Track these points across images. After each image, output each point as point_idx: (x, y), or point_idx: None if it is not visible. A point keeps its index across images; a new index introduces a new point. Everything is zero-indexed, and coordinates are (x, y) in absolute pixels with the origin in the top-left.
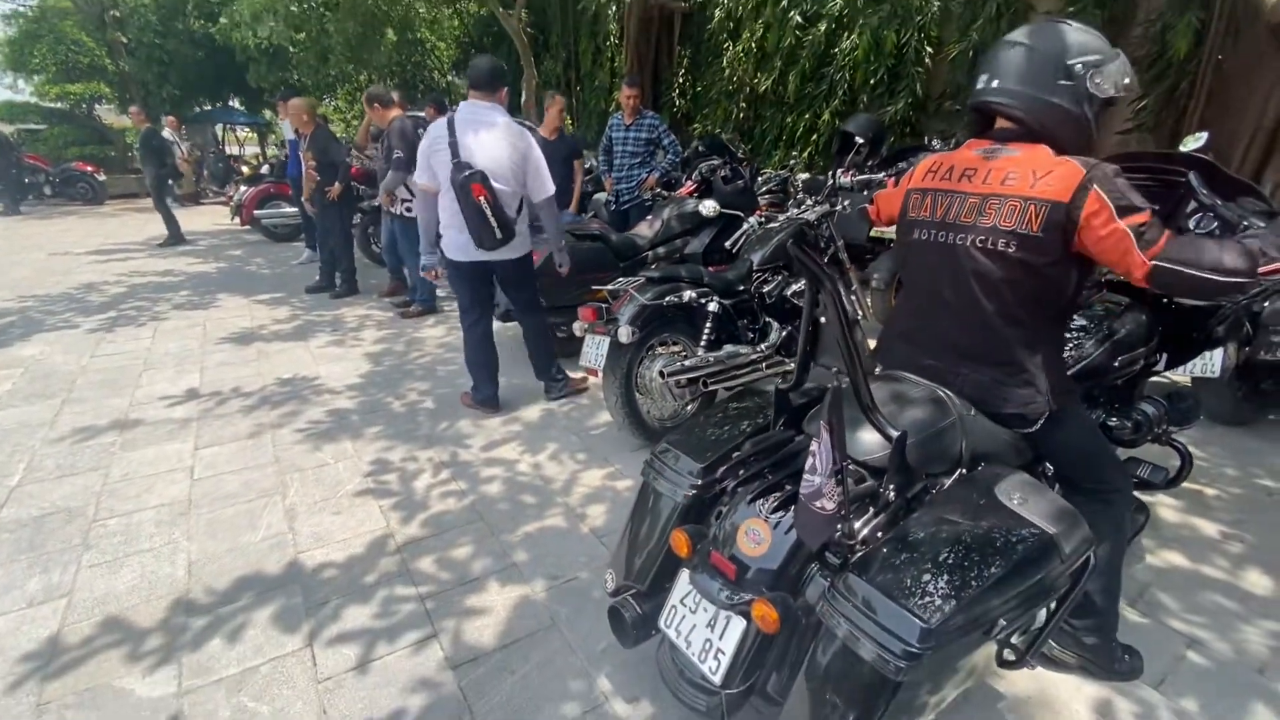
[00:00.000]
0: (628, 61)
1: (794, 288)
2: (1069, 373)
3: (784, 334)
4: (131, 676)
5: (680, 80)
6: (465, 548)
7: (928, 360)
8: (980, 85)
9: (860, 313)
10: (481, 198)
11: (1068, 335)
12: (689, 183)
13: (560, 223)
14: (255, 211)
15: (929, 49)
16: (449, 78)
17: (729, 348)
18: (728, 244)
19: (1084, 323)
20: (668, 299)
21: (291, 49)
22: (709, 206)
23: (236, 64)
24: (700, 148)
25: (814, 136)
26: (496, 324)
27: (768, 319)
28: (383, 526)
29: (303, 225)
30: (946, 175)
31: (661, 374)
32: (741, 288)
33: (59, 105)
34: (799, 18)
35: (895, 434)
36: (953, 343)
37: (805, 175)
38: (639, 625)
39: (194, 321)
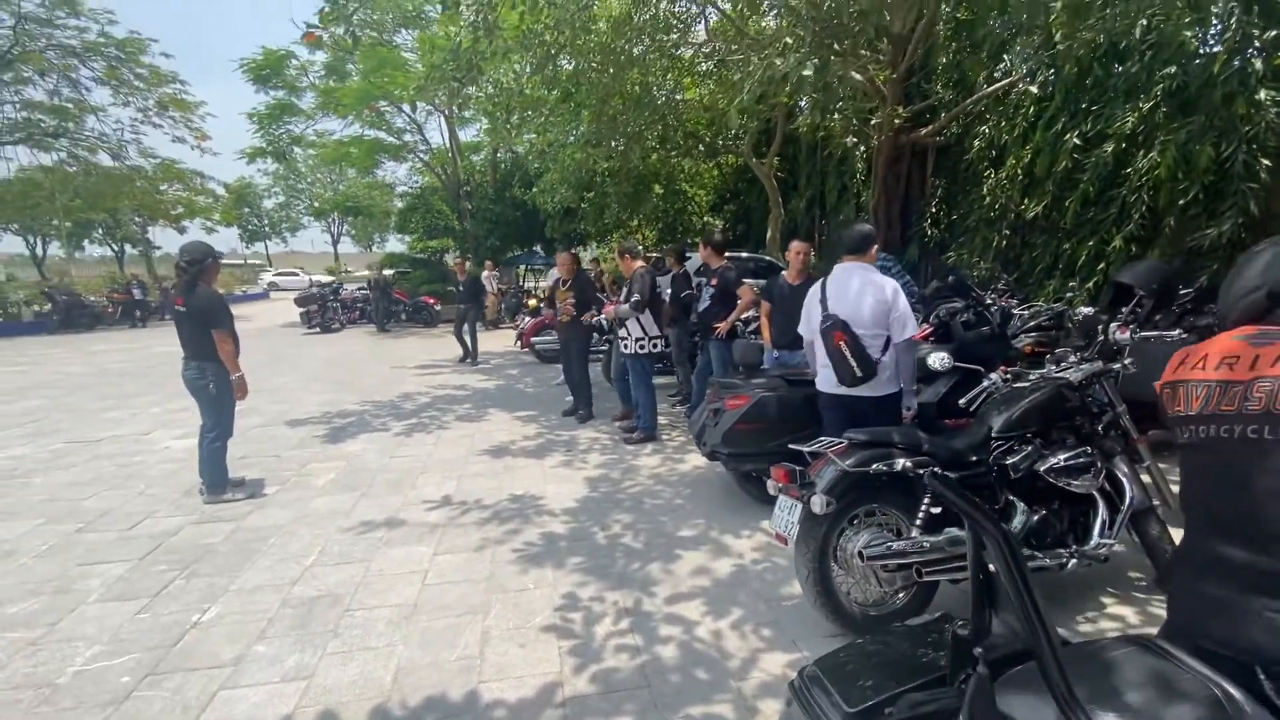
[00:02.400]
0: (875, 195)
1: (1050, 462)
2: None
3: (1034, 519)
4: None
5: (933, 210)
6: (627, 718)
7: (1211, 589)
8: None
9: (1156, 498)
10: (841, 342)
11: None
12: (925, 326)
13: (912, 364)
14: (533, 338)
15: (1264, 161)
16: (704, 219)
17: (954, 531)
18: (962, 402)
19: None
20: (875, 466)
21: (580, 206)
22: (939, 359)
23: (540, 220)
24: (941, 286)
25: (1101, 265)
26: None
27: (1011, 497)
28: (556, 671)
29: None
30: (1200, 365)
31: (861, 555)
32: (975, 457)
33: (421, 255)
34: (1076, 140)
35: None
36: (1239, 566)
37: (1087, 309)
38: None
39: (467, 433)
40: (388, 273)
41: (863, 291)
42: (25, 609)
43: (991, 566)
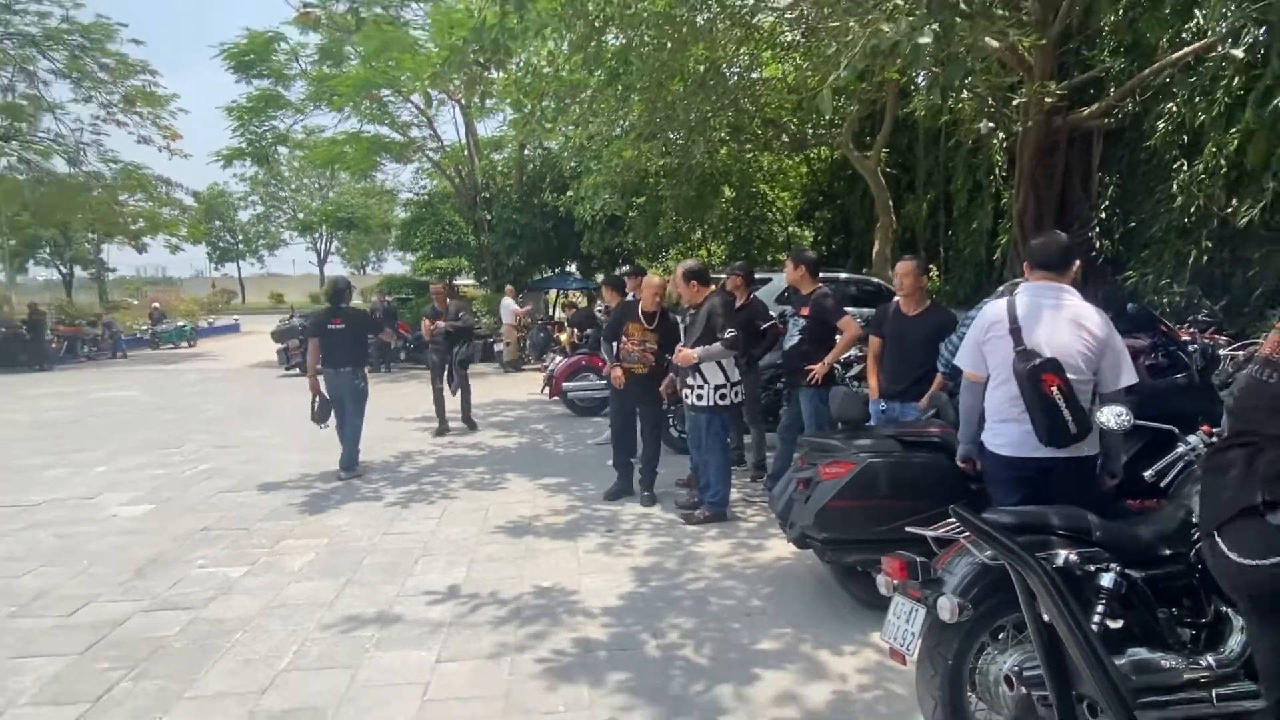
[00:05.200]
0: (1020, 197)
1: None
2: None
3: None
4: None
5: (1102, 216)
6: None
7: None
8: None
9: None
10: (1054, 389)
11: None
12: None
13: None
14: (565, 384)
15: None
16: (789, 229)
17: (1139, 652)
18: (1148, 474)
19: None
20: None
21: (627, 214)
22: (1116, 417)
23: (575, 232)
24: (1116, 317)
25: None
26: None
27: (1224, 608)
28: None
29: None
30: None
31: (1011, 679)
32: (1169, 550)
33: (426, 278)
34: None
35: None
36: None
37: None
38: None
39: (479, 504)
40: (388, 299)
41: (1069, 322)
42: None
43: (1045, 616)
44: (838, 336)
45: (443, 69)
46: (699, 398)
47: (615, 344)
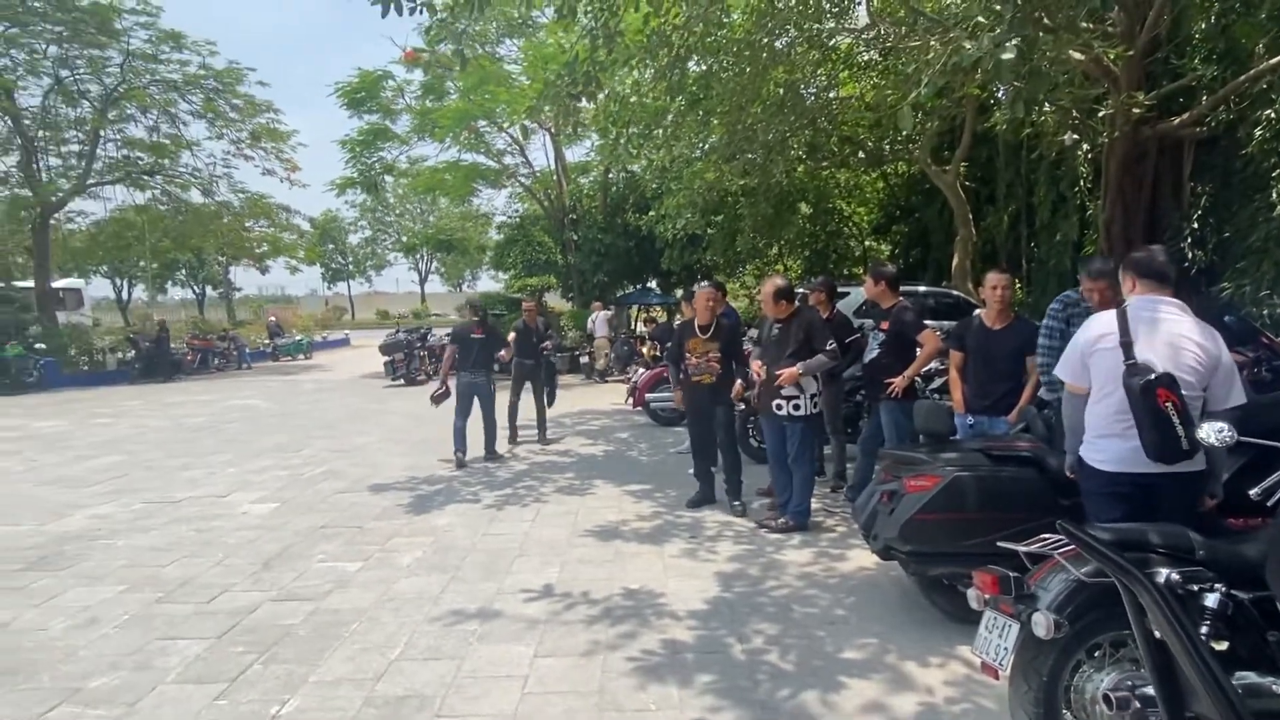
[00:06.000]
0: (1107, 208)
1: None
2: None
3: None
4: None
5: (1194, 226)
6: None
7: None
8: None
9: None
10: (1169, 404)
11: None
12: None
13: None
14: (647, 395)
15: None
16: (865, 244)
17: (1247, 676)
18: (1254, 492)
19: None
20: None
21: (706, 232)
22: (1215, 432)
23: (656, 250)
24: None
25: None
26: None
27: None
28: None
29: None
30: None
31: (1110, 698)
32: None
33: (517, 295)
34: None
35: None
36: None
37: None
38: None
39: (569, 508)
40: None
41: (1181, 337)
42: (106, 684)
43: (1157, 633)
44: (918, 350)
45: (538, 102)
46: (796, 408)
47: (680, 364)
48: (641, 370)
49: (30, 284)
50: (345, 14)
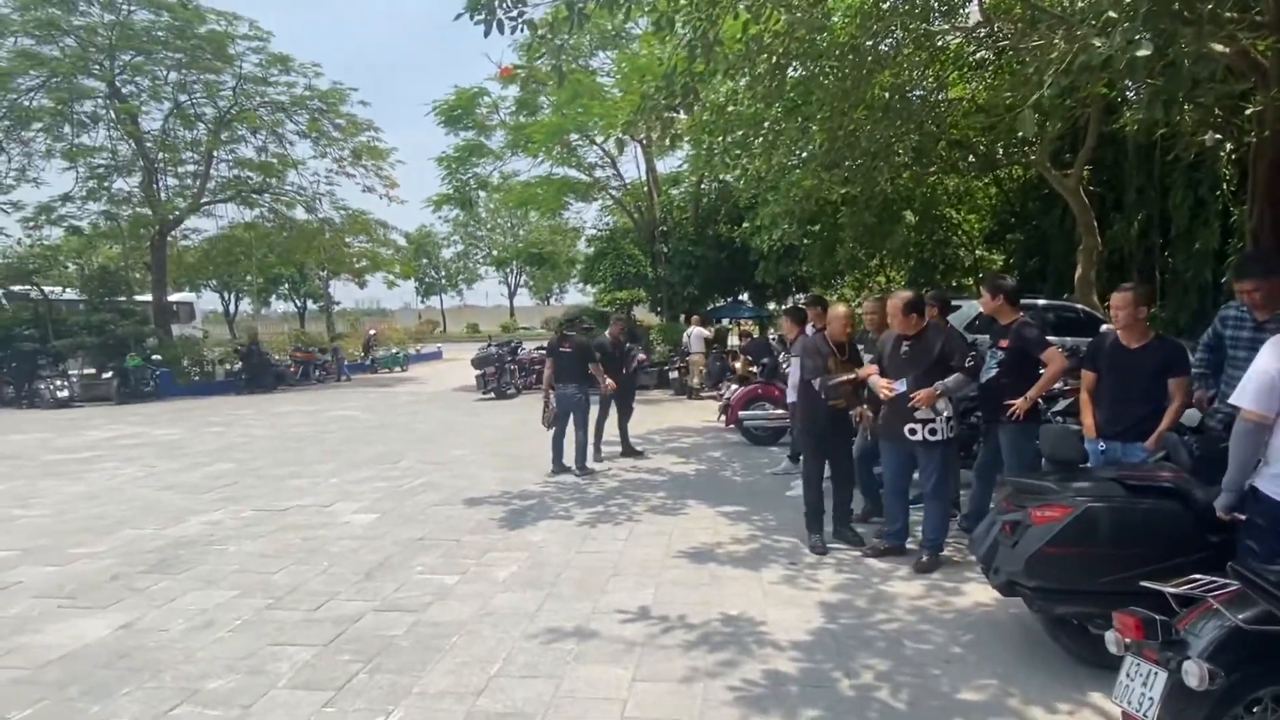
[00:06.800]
0: (1254, 214)
1: None
2: None
3: None
4: None
5: None
6: None
7: None
8: None
9: None
10: None
11: None
12: None
13: None
14: (740, 412)
15: None
16: (976, 253)
17: None
18: None
19: None
20: None
21: (802, 243)
22: None
23: (750, 262)
24: None
25: None
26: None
27: None
28: None
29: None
30: None
31: None
32: None
33: (606, 309)
34: None
35: None
36: None
37: None
38: None
39: (662, 529)
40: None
41: None
42: (222, 686)
43: None
44: (1041, 369)
45: (634, 116)
46: (932, 432)
47: (823, 378)
48: (734, 386)
49: (148, 298)
50: (445, 32)
